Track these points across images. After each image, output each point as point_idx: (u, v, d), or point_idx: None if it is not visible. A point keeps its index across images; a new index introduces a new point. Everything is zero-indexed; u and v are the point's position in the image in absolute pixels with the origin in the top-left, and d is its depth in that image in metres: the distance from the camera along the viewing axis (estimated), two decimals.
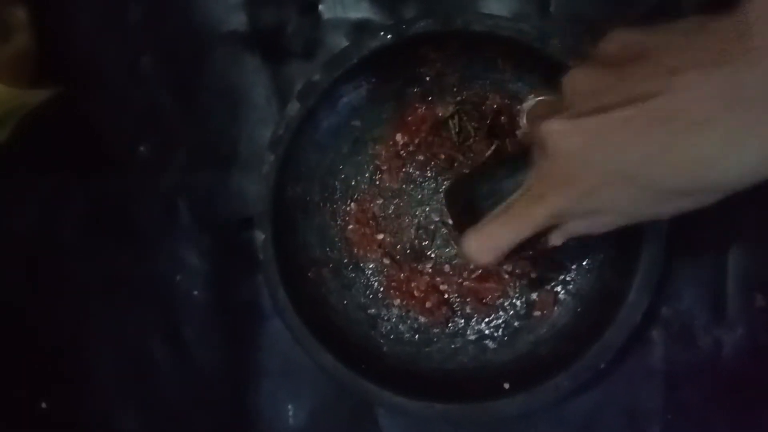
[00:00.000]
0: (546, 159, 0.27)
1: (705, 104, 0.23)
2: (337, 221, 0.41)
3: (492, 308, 0.39)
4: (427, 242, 0.40)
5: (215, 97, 0.42)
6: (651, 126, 0.23)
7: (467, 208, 0.32)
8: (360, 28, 0.41)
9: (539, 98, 0.32)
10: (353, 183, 0.41)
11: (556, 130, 0.26)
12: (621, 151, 0.24)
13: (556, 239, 0.30)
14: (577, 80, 0.26)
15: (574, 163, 0.26)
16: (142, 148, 0.43)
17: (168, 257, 0.42)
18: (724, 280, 0.38)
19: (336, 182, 0.41)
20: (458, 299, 0.40)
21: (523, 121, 0.33)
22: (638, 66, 0.24)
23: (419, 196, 0.40)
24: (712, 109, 0.22)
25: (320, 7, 0.42)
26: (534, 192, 0.28)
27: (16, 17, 0.40)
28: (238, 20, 0.42)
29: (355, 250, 0.40)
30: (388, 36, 0.37)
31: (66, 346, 0.43)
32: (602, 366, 0.35)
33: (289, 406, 0.41)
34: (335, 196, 0.41)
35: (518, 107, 0.37)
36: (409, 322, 0.40)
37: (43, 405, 0.43)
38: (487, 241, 0.29)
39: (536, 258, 0.38)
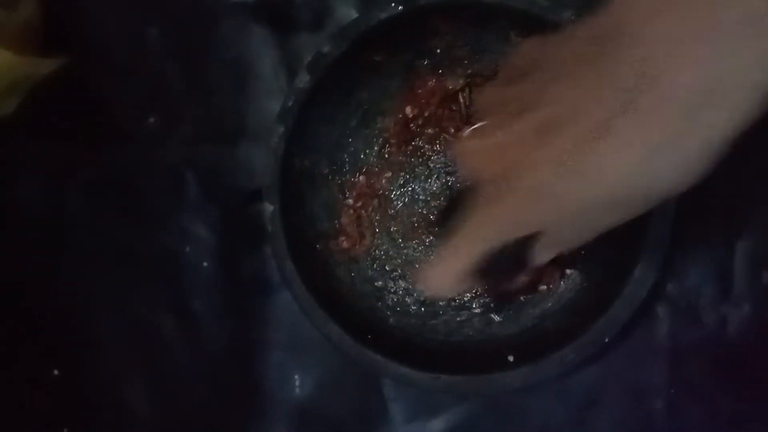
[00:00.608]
0: (476, 181, 0.28)
1: (596, 114, 0.22)
2: (345, 194, 0.41)
3: None
4: (434, 215, 0.40)
5: (223, 69, 0.42)
6: (552, 138, 0.24)
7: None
8: (369, 0, 0.41)
9: (472, 128, 0.32)
10: (361, 156, 0.41)
11: (465, 150, 0.27)
12: (532, 166, 0.25)
13: (540, 258, 0.30)
14: (486, 96, 0.27)
15: (491, 180, 0.26)
16: (149, 120, 0.43)
17: (176, 229, 0.43)
18: (731, 258, 0.38)
19: (344, 155, 0.41)
20: None
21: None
22: (530, 80, 0.25)
23: (427, 170, 0.40)
24: (600, 118, 0.22)
25: None
26: (469, 218, 0.28)
27: None
28: None
29: (363, 223, 0.41)
30: (399, 7, 0.37)
31: (75, 317, 0.43)
32: (607, 340, 0.35)
33: (296, 377, 0.42)
34: (343, 169, 0.41)
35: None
36: (415, 294, 0.40)
37: (56, 372, 0.43)
38: (438, 276, 0.30)
39: None
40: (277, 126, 0.38)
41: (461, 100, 0.40)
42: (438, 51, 0.39)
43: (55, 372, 0.43)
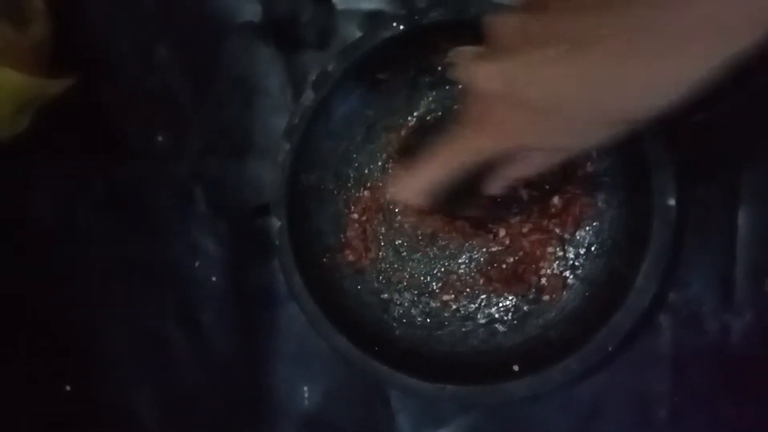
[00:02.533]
0: (471, 100, 0.28)
1: (615, 41, 0.23)
2: (350, 208, 0.41)
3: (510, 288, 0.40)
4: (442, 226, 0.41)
5: (230, 86, 0.43)
6: (573, 60, 0.24)
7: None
8: (373, 18, 0.42)
9: (464, 48, 0.33)
10: (366, 171, 0.41)
11: (480, 72, 0.27)
12: (543, 86, 0.25)
13: (493, 188, 0.33)
14: (502, 25, 0.27)
15: (497, 101, 0.27)
16: (158, 137, 0.44)
17: (185, 244, 0.43)
18: (732, 266, 0.39)
19: (349, 170, 0.41)
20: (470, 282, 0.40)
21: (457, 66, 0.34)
22: (556, 7, 0.25)
23: None
24: (622, 46, 0.23)
25: None
26: (456, 133, 0.29)
27: (33, 7, 0.41)
28: (253, 10, 0.43)
29: (368, 237, 0.41)
30: (401, 26, 0.37)
31: (86, 330, 0.44)
32: (610, 349, 0.35)
33: (305, 388, 0.42)
34: (349, 184, 0.41)
35: (445, 60, 0.37)
36: (420, 306, 0.41)
37: (68, 388, 0.44)
38: (409, 181, 0.32)
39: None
40: (284, 143, 0.39)
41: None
42: (440, 68, 0.40)
43: (67, 388, 0.44)
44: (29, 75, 0.39)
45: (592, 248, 0.39)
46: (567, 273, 0.39)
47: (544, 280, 0.39)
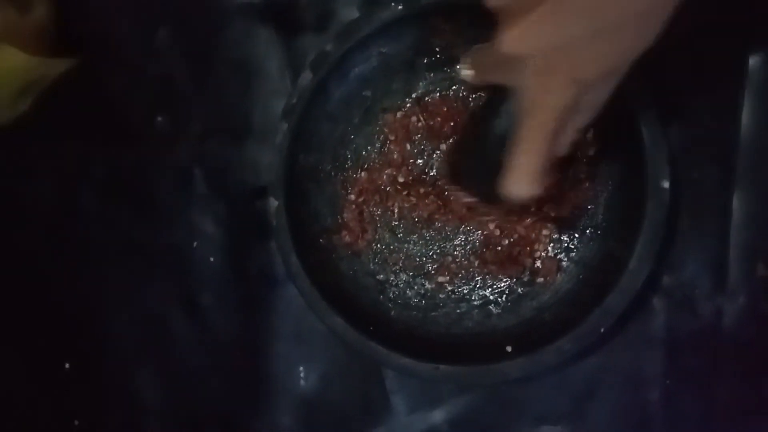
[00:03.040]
0: (519, 71, 0.28)
1: None
2: (347, 190, 0.42)
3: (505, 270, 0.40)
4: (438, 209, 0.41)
5: (230, 69, 0.43)
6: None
7: (480, 175, 0.33)
8: (372, 1, 0.42)
9: (476, 47, 0.33)
10: (364, 153, 0.42)
11: (507, 43, 0.28)
12: (568, 16, 0.26)
13: (562, 148, 0.31)
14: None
15: (546, 53, 0.27)
16: (158, 119, 0.44)
17: (185, 225, 0.44)
18: (726, 249, 0.39)
19: (347, 152, 0.41)
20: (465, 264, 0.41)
21: (464, 72, 0.34)
22: None
23: (428, 167, 0.41)
24: None
25: None
26: (528, 107, 0.29)
27: None
28: None
29: (365, 218, 0.41)
30: (399, 7, 0.38)
31: (86, 310, 0.44)
32: (603, 330, 0.36)
33: (301, 369, 0.43)
34: (346, 165, 0.42)
35: (457, 66, 0.37)
36: (416, 287, 0.41)
37: (67, 365, 0.44)
38: (524, 176, 0.30)
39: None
40: (282, 124, 0.39)
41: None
42: (438, 49, 0.40)
43: (66, 366, 0.44)
44: (32, 56, 0.40)
45: (587, 231, 0.39)
46: (561, 255, 0.39)
47: (538, 263, 0.39)
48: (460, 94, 0.41)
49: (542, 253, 0.39)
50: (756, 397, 0.39)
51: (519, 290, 0.40)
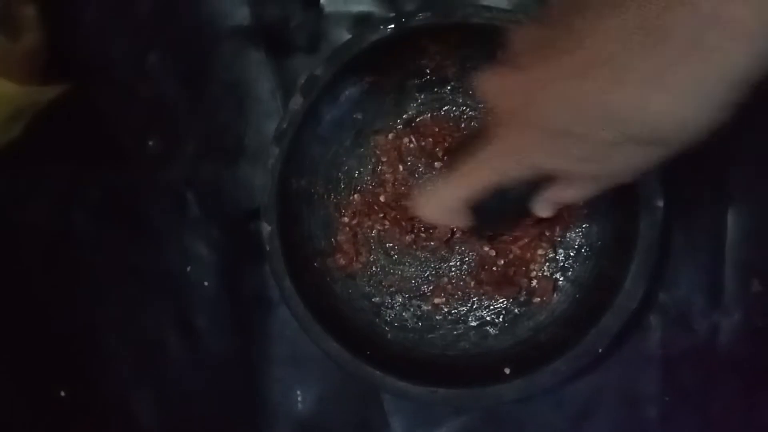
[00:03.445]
0: (493, 117, 0.27)
1: (615, 51, 0.23)
2: (341, 212, 0.41)
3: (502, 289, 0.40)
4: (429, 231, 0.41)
5: (221, 91, 0.43)
6: (577, 76, 0.24)
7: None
8: (362, 22, 0.42)
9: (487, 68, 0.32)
10: (356, 175, 0.41)
11: (499, 86, 0.27)
12: (559, 102, 0.24)
13: (541, 210, 0.31)
14: (519, 39, 0.27)
15: (517, 117, 0.26)
16: (150, 142, 0.44)
17: (178, 249, 0.43)
18: (721, 266, 0.39)
19: (339, 174, 0.41)
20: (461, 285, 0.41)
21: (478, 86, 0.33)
22: (572, 21, 0.24)
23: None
24: (622, 54, 0.22)
25: (322, 1, 0.42)
26: (478, 151, 0.28)
27: (26, 15, 0.41)
28: (242, 15, 0.43)
29: (359, 240, 0.41)
30: (388, 29, 0.38)
31: (81, 335, 0.44)
32: (600, 351, 0.36)
33: (298, 392, 0.42)
34: (339, 188, 0.41)
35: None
36: (412, 309, 0.41)
37: (62, 393, 0.44)
38: (434, 200, 0.31)
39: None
40: (273, 148, 0.39)
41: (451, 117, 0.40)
42: (428, 71, 0.40)
43: (62, 393, 0.44)
44: (22, 83, 0.40)
45: (582, 250, 0.39)
46: (557, 275, 0.39)
47: (534, 283, 0.39)
48: (452, 114, 0.41)
49: (538, 273, 0.39)
50: (754, 412, 0.39)
51: (515, 310, 0.40)
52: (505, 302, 0.40)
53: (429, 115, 0.41)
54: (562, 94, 0.24)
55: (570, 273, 0.39)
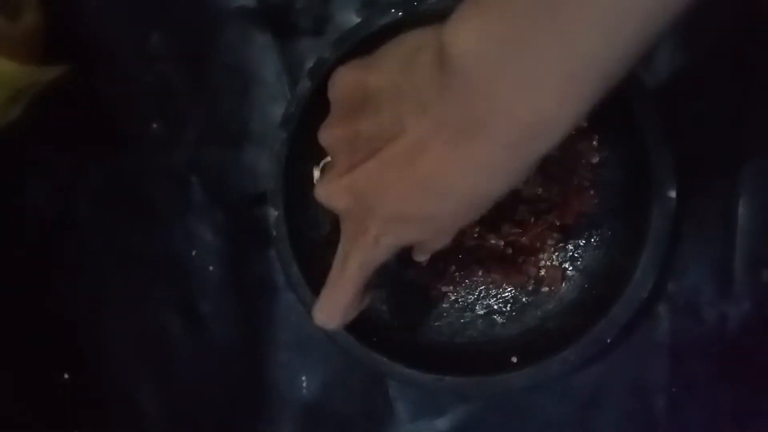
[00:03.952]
0: (340, 219, 0.30)
1: (429, 141, 0.25)
2: None
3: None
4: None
5: (226, 74, 0.43)
6: (394, 168, 0.26)
7: None
8: (369, 5, 0.41)
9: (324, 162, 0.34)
10: None
11: (322, 193, 0.29)
12: (383, 195, 0.27)
13: (418, 256, 0.34)
14: (327, 136, 0.29)
15: (357, 214, 0.28)
16: (154, 125, 0.43)
17: (183, 233, 0.43)
18: (731, 256, 0.39)
19: None
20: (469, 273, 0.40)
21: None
22: (370, 112, 0.27)
23: None
24: (436, 145, 0.25)
25: None
26: (339, 251, 0.30)
27: None
28: None
29: None
30: (399, 13, 0.37)
31: (85, 320, 0.44)
32: (608, 341, 0.35)
33: (303, 378, 0.42)
34: None
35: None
36: (420, 296, 0.41)
37: (66, 376, 0.44)
38: (325, 311, 0.32)
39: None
40: (280, 132, 0.38)
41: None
42: None
43: (65, 376, 0.44)
44: (23, 64, 0.39)
45: (592, 240, 0.39)
46: (566, 264, 0.39)
47: (543, 272, 0.39)
48: None
49: (547, 262, 0.39)
50: (762, 403, 0.39)
51: (523, 299, 0.39)
52: (513, 291, 0.40)
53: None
54: (383, 186, 0.26)
55: (579, 262, 0.39)
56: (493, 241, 0.39)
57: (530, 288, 0.39)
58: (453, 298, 0.40)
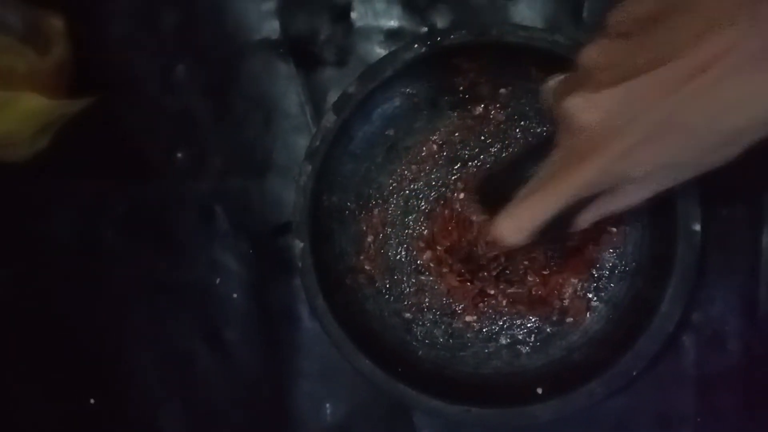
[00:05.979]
0: (570, 134, 0.27)
1: (727, 58, 0.23)
2: (372, 229, 0.41)
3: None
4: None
5: (249, 105, 0.43)
6: (680, 83, 0.24)
7: (500, 202, 0.32)
8: (392, 36, 0.41)
9: (563, 76, 0.31)
10: (387, 192, 0.41)
11: (578, 105, 0.26)
12: (649, 111, 0.25)
13: (583, 222, 0.31)
14: (594, 54, 0.27)
15: (598, 133, 0.26)
16: (178, 155, 0.44)
17: (206, 262, 0.43)
18: (755, 286, 0.39)
19: (370, 191, 0.41)
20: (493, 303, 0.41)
21: (548, 101, 0.31)
22: (655, 32, 0.25)
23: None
24: (734, 62, 0.23)
25: (352, 15, 0.42)
26: (558, 168, 0.28)
27: (54, 28, 0.41)
28: (270, 28, 0.43)
29: (390, 258, 0.41)
30: (423, 48, 0.37)
31: (110, 348, 0.44)
32: (634, 374, 0.35)
33: (327, 406, 0.43)
34: (370, 204, 0.41)
35: (540, 87, 0.34)
36: (443, 326, 0.41)
37: (92, 401, 0.44)
38: (516, 222, 0.30)
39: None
40: (306, 165, 0.39)
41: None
42: (461, 88, 0.40)
43: (92, 401, 0.44)
44: (51, 97, 0.39)
45: (616, 271, 0.39)
46: (591, 295, 0.39)
47: (567, 302, 0.39)
48: (485, 131, 0.40)
49: (571, 293, 0.39)
50: None
51: (548, 330, 0.40)
52: (538, 321, 0.40)
53: (461, 133, 0.40)
54: (645, 105, 0.25)
55: (604, 294, 0.39)
56: (520, 270, 0.40)
57: (554, 318, 0.40)
58: (477, 327, 0.40)
